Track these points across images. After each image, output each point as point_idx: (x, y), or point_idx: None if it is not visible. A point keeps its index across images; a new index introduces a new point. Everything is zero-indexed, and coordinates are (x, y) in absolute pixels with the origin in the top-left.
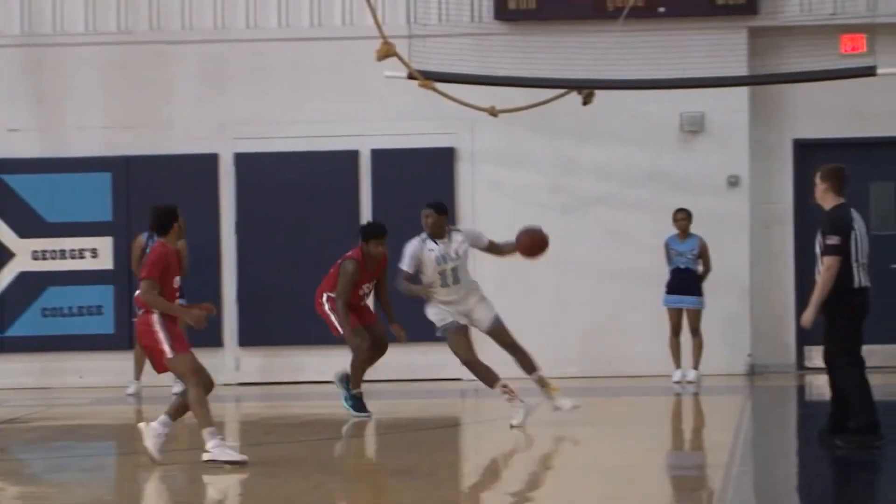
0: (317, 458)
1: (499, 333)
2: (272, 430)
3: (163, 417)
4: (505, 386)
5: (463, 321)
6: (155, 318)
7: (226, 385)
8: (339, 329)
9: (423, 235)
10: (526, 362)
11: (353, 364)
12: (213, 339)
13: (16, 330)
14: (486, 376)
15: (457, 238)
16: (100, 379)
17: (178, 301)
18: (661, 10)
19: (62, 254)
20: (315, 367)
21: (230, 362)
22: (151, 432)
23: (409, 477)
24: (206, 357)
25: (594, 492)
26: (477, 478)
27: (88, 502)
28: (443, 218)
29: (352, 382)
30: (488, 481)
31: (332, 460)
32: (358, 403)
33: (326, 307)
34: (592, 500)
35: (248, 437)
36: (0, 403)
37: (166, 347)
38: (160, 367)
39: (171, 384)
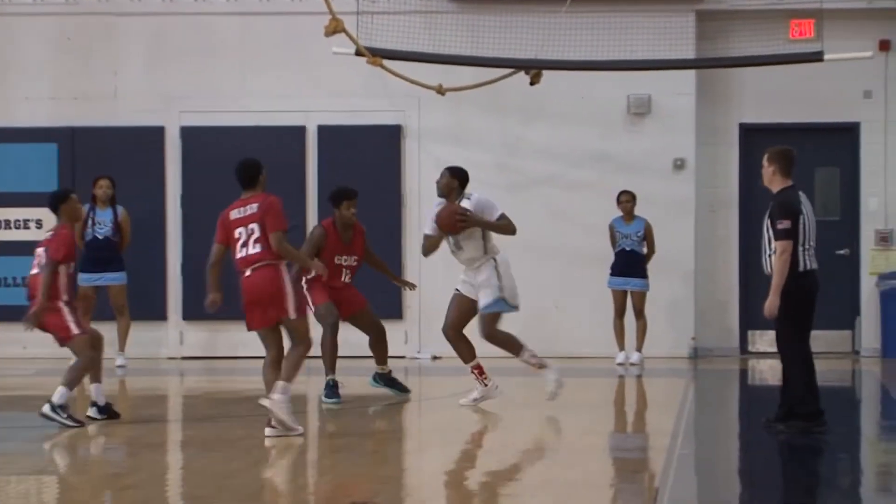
0: (259, 435)
1: (480, 321)
2: (215, 405)
3: (280, 385)
4: (478, 367)
5: (471, 293)
6: (284, 271)
7: (169, 359)
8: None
9: (440, 200)
10: (463, 352)
11: (322, 342)
12: (157, 312)
13: None
14: (462, 353)
15: (465, 205)
16: (43, 350)
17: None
18: None
19: (6, 224)
20: (259, 343)
21: (174, 336)
22: (278, 406)
23: (353, 454)
24: (149, 330)
25: (535, 472)
26: (419, 456)
27: (31, 473)
28: (453, 181)
29: (325, 368)
30: (429, 460)
31: (274, 437)
32: (331, 390)
33: (304, 285)
34: (534, 481)
35: (191, 412)
36: None
37: (290, 307)
38: (270, 320)
39: (113, 357)
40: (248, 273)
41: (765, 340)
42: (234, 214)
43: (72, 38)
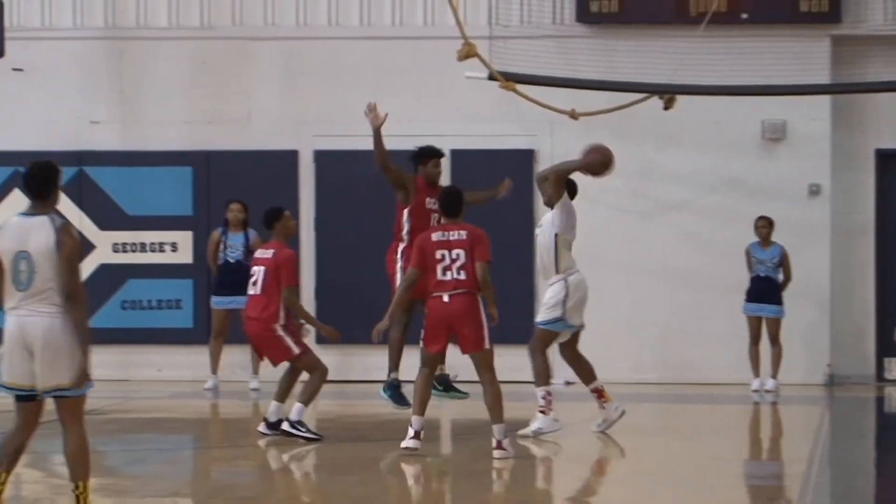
0: (392, 459)
1: (535, 333)
2: (349, 428)
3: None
4: (597, 389)
5: None
6: (481, 301)
7: (302, 382)
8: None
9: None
10: (581, 373)
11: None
12: None
13: (96, 322)
14: (581, 374)
15: (552, 212)
16: (177, 373)
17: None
18: (744, 16)
19: (143, 247)
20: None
21: None
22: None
23: (486, 478)
24: None
25: (670, 499)
26: (551, 481)
27: (166, 495)
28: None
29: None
30: (563, 485)
31: (407, 461)
32: (396, 393)
33: (398, 265)
34: None
35: (324, 435)
36: None
37: (486, 339)
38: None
39: (248, 380)
40: (445, 298)
41: None
42: (436, 237)
43: (206, 61)
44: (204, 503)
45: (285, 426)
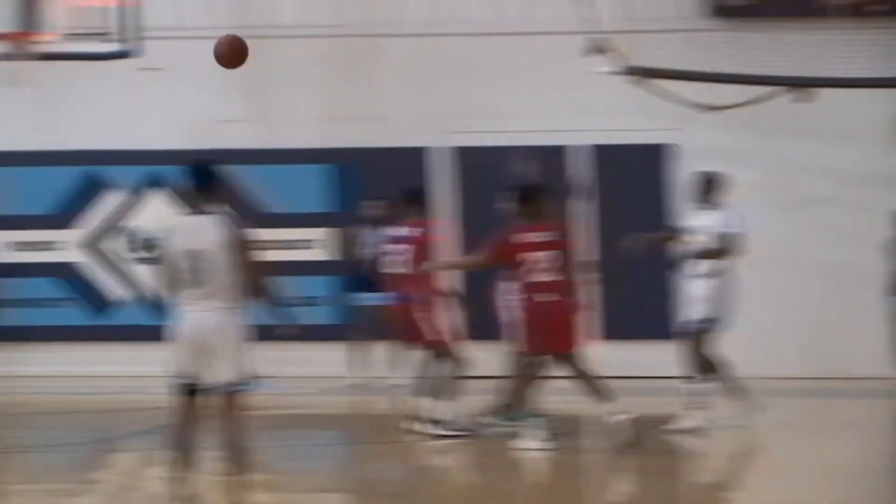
0: (538, 456)
1: (687, 336)
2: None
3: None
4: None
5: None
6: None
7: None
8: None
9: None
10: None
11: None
12: None
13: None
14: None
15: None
16: (320, 369)
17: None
18: (882, 8)
19: (280, 244)
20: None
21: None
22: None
23: (625, 474)
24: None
25: (822, 494)
26: (699, 476)
27: (315, 491)
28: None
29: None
30: (714, 481)
31: (552, 456)
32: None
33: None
34: (822, 502)
35: (475, 431)
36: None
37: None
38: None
39: (391, 376)
40: (549, 299)
41: None
42: (531, 237)
43: (336, 59)
44: (354, 499)
45: (431, 428)
